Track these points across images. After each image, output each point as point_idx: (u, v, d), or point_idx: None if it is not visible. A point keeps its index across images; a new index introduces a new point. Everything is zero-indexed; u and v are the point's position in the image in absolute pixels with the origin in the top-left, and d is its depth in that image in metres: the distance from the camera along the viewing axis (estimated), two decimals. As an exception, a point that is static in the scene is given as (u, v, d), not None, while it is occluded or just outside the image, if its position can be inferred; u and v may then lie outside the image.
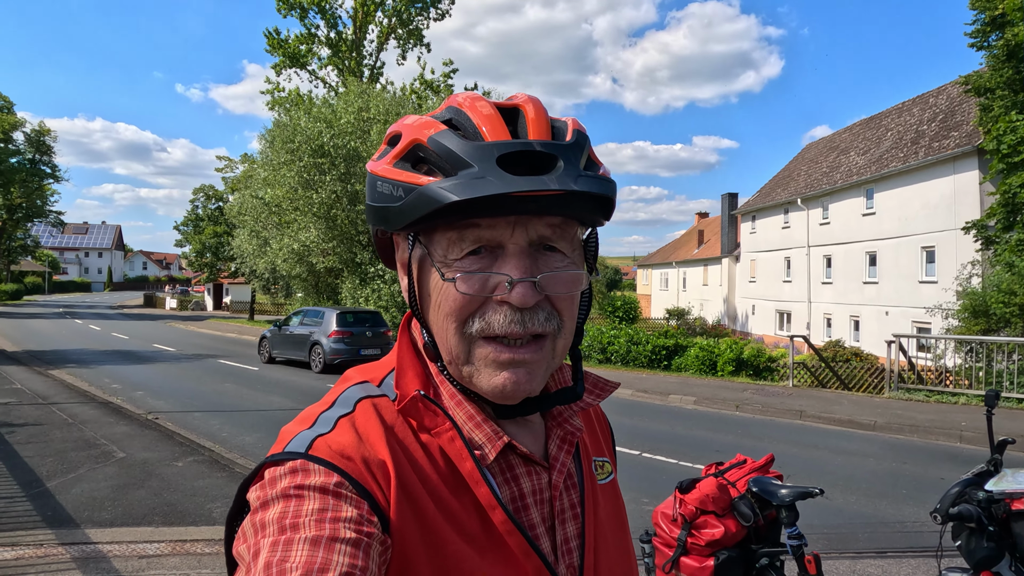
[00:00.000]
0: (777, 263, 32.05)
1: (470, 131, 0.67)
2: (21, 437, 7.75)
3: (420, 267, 0.72)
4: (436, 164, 0.67)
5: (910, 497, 6.48)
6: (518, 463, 0.76)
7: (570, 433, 0.80)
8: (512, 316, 0.68)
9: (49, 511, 5.22)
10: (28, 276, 73.18)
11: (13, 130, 42.65)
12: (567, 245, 0.72)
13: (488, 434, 0.73)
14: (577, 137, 0.70)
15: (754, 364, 15.99)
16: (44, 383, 12.52)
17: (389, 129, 0.75)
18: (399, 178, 0.68)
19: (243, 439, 8.39)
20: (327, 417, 0.71)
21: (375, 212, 0.73)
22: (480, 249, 0.68)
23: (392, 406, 0.73)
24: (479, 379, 0.71)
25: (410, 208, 0.66)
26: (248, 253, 29.93)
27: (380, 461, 0.67)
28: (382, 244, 0.80)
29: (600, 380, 0.86)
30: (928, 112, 24.64)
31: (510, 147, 0.65)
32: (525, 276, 0.67)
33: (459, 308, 0.68)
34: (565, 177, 0.64)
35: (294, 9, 30.38)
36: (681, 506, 2.99)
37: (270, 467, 0.66)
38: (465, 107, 0.70)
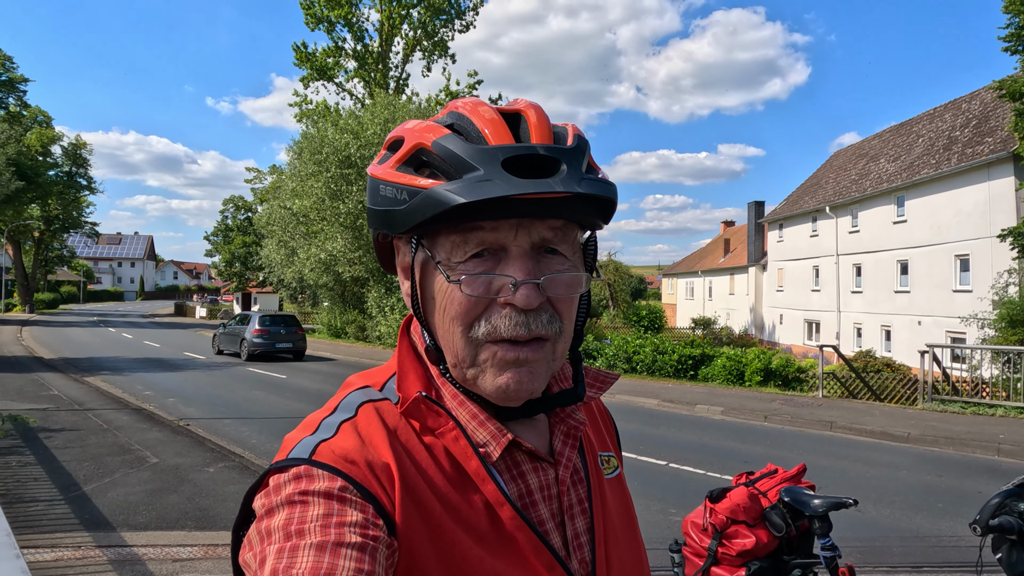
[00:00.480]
0: (805, 272, 31.59)
1: (473, 135, 0.68)
2: (59, 442, 7.94)
3: (423, 271, 0.73)
4: (440, 168, 0.67)
5: (947, 511, 6.33)
6: (523, 460, 0.76)
7: (573, 428, 0.80)
8: (517, 319, 0.68)
9: (87, 514, 5.34)
10: (64, 285, 75.09)
11: (51, 144, 43.95)
12: (568, 248, 0.72)
13: (492, 432, 0.73)
14: (578, 142, 0.70)
15: (783, 374, 15.76)
16: (80, 389, 12.83)
17: (390, 134, 0.75)
18: (403, 181, 0.68)
19: (271, 446, 8.50)
20: (329, 423, 0.71)
21: (378, 215, 0.73)
22: (483, 252, 0.68)
23: (394, 409, 0.73)
24: (483, 380, 0.71)
25: (415, 211, 0.67)
26: (276, 263, 30.39)
27: (384, 464, 0.67)
28: (382, 249, 0.80)
29: (600, 373, 0.86)
30: (961, 118, 24.16)
31: (514, 151, 0.66)
32: (529, 278, 0.67)
33: (465, 311, 0.69)
34: (569, 180, 0.65)
35: (322, 23, 30.92)
36: (711, 515, 2.97)
37: (274, 474, 0.66)
38: (467, 112, 0.70)
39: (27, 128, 41.32)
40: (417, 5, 31.26)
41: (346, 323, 29.74)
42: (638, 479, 7.18)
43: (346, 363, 20.36)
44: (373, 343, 27.03)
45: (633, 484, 6.36)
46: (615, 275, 56.58)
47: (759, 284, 37.82)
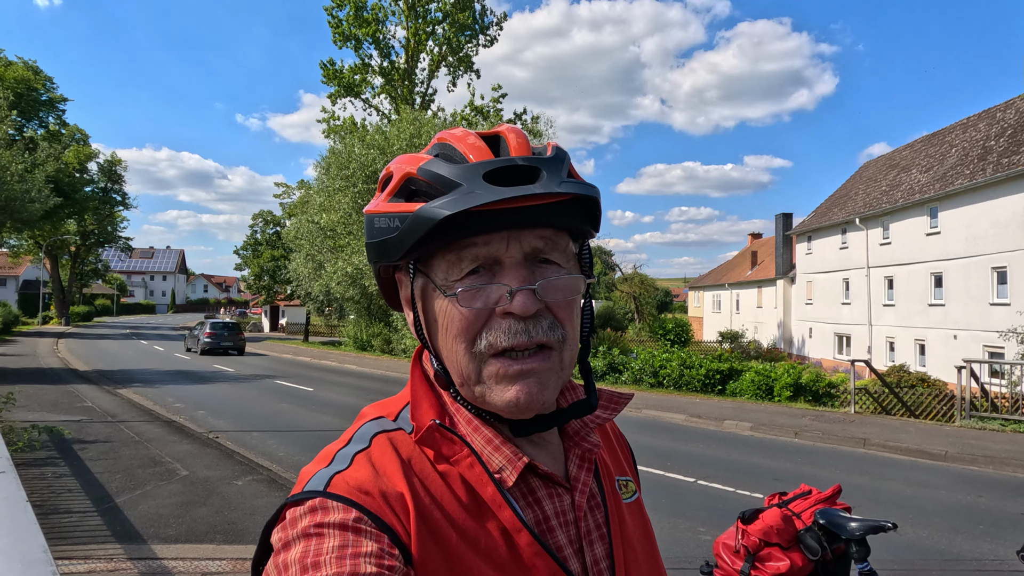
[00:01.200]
0: (835, 285, 31.05)
1: (457, 158, 0.71)
2: (93, 454, 8.09)
3: (423, 296, 0.74)
4: (427, 192, 0.69)
5: (987, 533, 6.12)
6: (539, 486, 0.75)
7: (588, 451, 0.80)
8: (516, 327, 0.69)
9: (119, 526, 5.42)
10: (99, 299, 76.90)
11: (88, 161, 45.23)
12: (561, 256, 0.73)
13: (508, 456, 0.73)
14: (557, 152, 0.73)
15: (813, 389, 15.47)
16: (113, 401, 13.08)
17: (382, 172, 0.78)
18: (394, 210, 0.71)
19: (299, 459, 8.56)
20: (344, 454, 0.71)
21: (375, 248, 0.74)
22: (479, 268, 0.70)
23: (408, 439, 0.73)
24: (492, 396, 0.71)
25: (407, 233, 0.69)
26: (304, 276, 30.79)
27: (398, 494, 0.67)
28: (386, 285, 0.82)
29: (614, 394, 0.85)
30: (996, 127, 23.64)
31: (494, 164, 0.68)
32: (524, 284, 0.69)
33: (466, 327, 0.70)
34: (548, 183, 0.68)
35: (349, 40, 31.46)
36: (744, 537, 2.90)
37: (291, 507, 0.67)
38: (451, 140, 0.74)
39: (65, 146, 42.59)
40: (442, 22, 31.67)
41: (372, 336, 29.95)
42: (666, 497, 7.07)
43: (372, 376, 20.49)
44: (399, 356, 27.17)
45: (661, 502, 6.26)
46: (640, 288, 56.24)
47: (787, 297, 37.25)
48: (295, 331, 47.47)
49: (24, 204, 25.79)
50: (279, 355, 28.80)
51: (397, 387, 13.80)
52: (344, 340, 34.77)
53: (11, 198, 24.55)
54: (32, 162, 29.37)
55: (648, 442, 10.18)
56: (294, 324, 48.77)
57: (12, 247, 43.55)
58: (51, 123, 43.05)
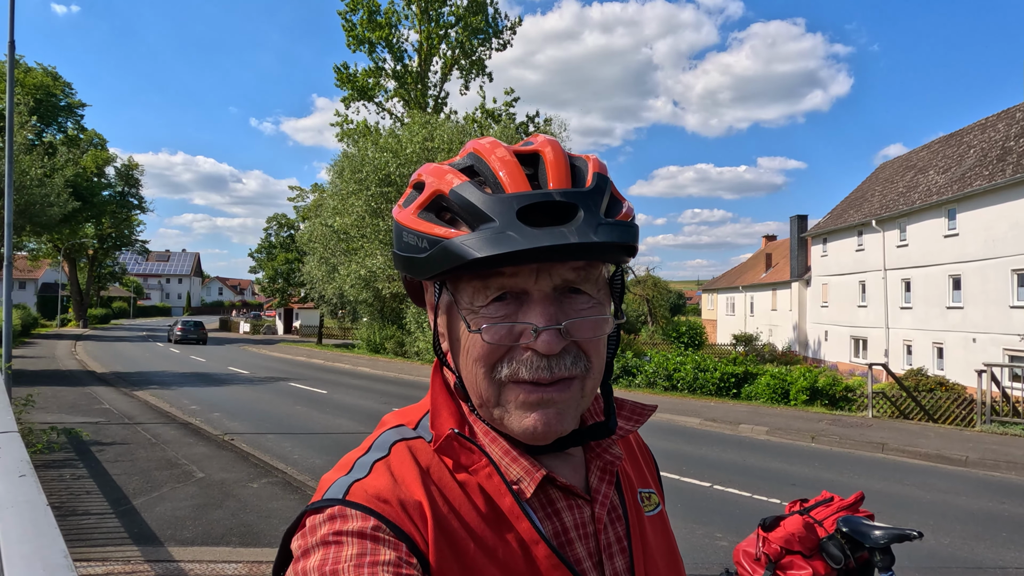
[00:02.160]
0: (851, 287, 30.74)
1: (490, 180, 0.69)
2: (110, 455, 8.16)
3: (448, 313, 0.73)
4: (458, 214, 0.68)
5: (1011, 540, 6.01)
6: (558, 497, 0.75)
7: (610, 463, 0.79)
8: (539, 363, 0.68)
9: (136, 528, 5.45)
10: (116, 301, 77.77)
11: (106, 165, 45.80)
12: (592, 286, 0.71)
13: (526, 467, 0.72)
14: (597, 181, 0.70)
15: (829, 393, 15.30)
16: (130, 403, 13.20)
17: (414, 175, 0.77)
18: (423, 230, 0.69)
19: (313, 461, 8.58)
20: (363, 462, 0.72)
21: (402, 261, 0.73)
22: (505, 295, 0.68)
23: (428, 448, 0.73)
24: (509, 421, 0.71)
25: (435, 261, 0.67)
26: (317, 279, 30.95)
27: (416, 503, 0.67)
28: (411, 285, 0.82)
29: (637, 406, 0.84)
30: (1015, 127, 23.31)
31: (529, 199, 0.66)
32: (550, 324, 0.67)
33: (487, 354, 0.69)
34: (585, 227, 0.65)
35: (363, 44, 31.64)
36: (765, 545, 2.86)
37: (310, 515, 0.67)
38: (484, 154, 0.71)
39: (84, 150, 43.14)
40: (455, 25, 31.77)
41: (385, 338, 30.03)
42: (682, 502, 7.02)
43: (385, 378, 20.54)
44: (411, 359, 27.22)
45: (677, 507, 6.21)
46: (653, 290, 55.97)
47: (803, 300, 36.93)
48: (309, 333, 47.73)
49: (43, 208, 26.13)
50: (293, 357, 28.96)
51: (410, 389, 13.81)
52: (357, 342, 34.89)
53: (31, 202, 24.89)
54: (51, 167, 29.73)
55: (663, 446, 10.11)
56: (308, 327, 49.03)
57: (31, 251, 44.13)
58: (70, 128, 43.63)
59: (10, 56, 10.95)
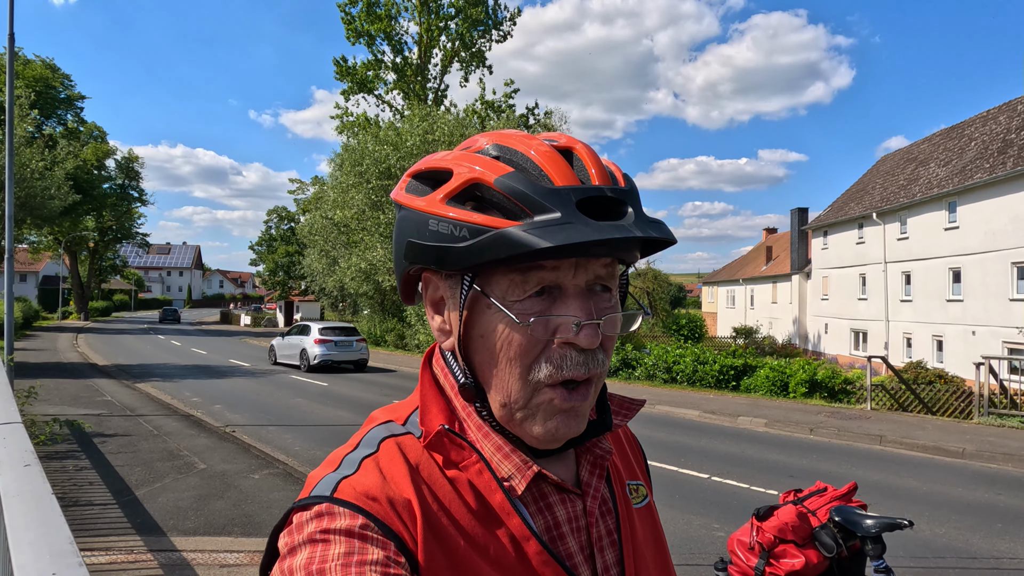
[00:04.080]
0: (851, 280, 30.74)
1: (532, 172, 0.67)
2: (112, 447, 8.22)
3: (472, 308, 0.71)
4: (501, 206, 0.65)
5: (1005, 531, 6.06)
6: (550, 492, 0.75)
7: (600, 457, 0.79)
8: (578, 359, 0.68)
9: (139, 518, 5.51)
10: (116, 294, 77.84)
11: (106, 158, 45.71)
12: (614, 284, 0.72)
13: (517, 464, 0.72)
14: (630, 183, 0.71)
15: (829, 386, 15.34)
16: (131, 395, 13.26)
17: (426, 163, 0.73)
18: (462, 218, 0.66)
19: (314, 453, 8.63)
20: (352, 459, 0.71)
21: (427, 251, 0.69)
22: (542, 291, 0.68)
23: (417, 444, 0.73)
24: (532, 424, 0.70)
25: (483, 249, 0.64)
26: (318, 272, 30.99)
27: (405, 500, 0.67)
28: (408, 281, 0.78)
29: (625, 400, 0.84)
30: (1016, 120, 23.26)
31: (585, 192, 0.66)
32: (591, 318, 0.67)
33: (525, 352, 0.68)
34: (641, 224, 0.66)
35: (362, 37, 31.52)
36: (759, 534, 2.90)
37: (297, 512, 0.66)
38: (519, 146, 0.69)
39: (84, 143, 43.07)
40: (455, 17, 31.63)
41: (386, 331, 30.09)
42: (680, 493, 7.07)
43: (385, 370, 20.60)
44: (412, 351, 27.28)
45: (675, 498, 6.25)
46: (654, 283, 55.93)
47: (803, 292, 36.94)
48: (309, 326, 47.68)
49: (44, 201, 26.13)
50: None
51: (411, 381, 13.83)
52: (358, 335, 34.91)
53: (31, 195, 24.89)
54: (52, 160, 29.71)
55: (662, 438, 10.16)
56: (309, 319, 49.07)
57: (32, 243, 44.14)
58: (70, 121, 43.51)
59: (9, 48, 10.95)
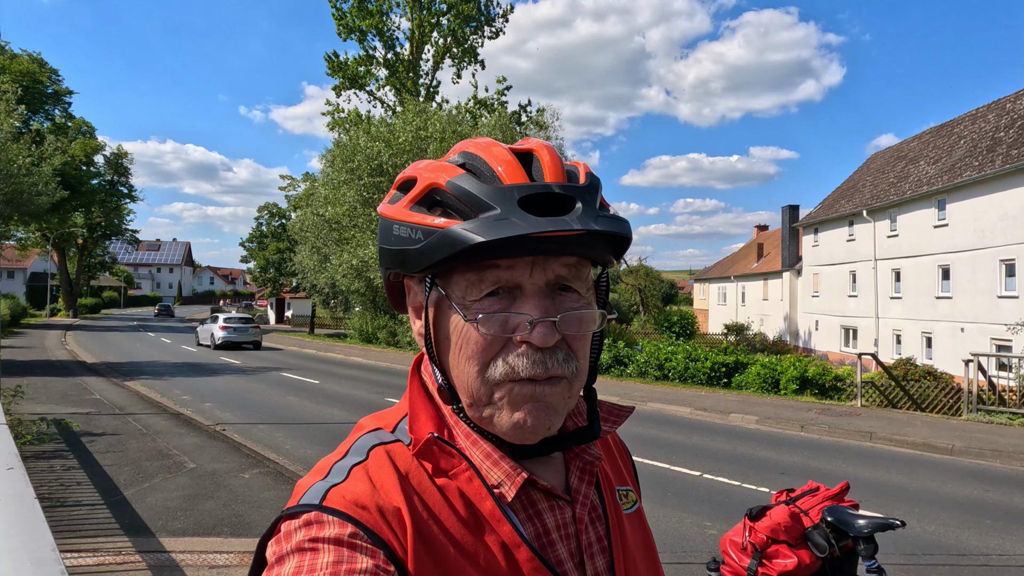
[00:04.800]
0: (842, 277, 30.92)
1: (487, 174, 0.68)
2: (101, 446, 8.14)
3: (437, 310, 0.72)
4: (454, 207, 0.67)
5: (994, 528, 6.10)
6: (540, 499, 0.75)
7: (589, 463, 0.79)
8: (534, 357, 0.68)
9: (127, 519, 5.45)
10: (106, 291, 77.23)
11: (94, 153, 45.33)
12: (582, 285, 0.72)
13: (507, 471, 0.72)
14: (591, 180, 0.71)
15: (819, 383, 15.42)
16: (120, 394, 13.15)
17: (400, 174, 0.76)
18: (417, 221, 0.68)
19: (305, 451, 8.59)
20: (341, 467, 0.71)
21: (392, 255, 0.72)
22: (499, 290, 0.68)
23: (406, 451, 0.73)
24: (500, 418, 0.70)
25: (431, 250, 0.67)
26: (309, 268, 30.84)
27: (395, 508, 0.67)
28: (393, 288, 0.80)
29: (614, 407, 0.84)
30: (1005, 118, 23.42)
31: (530, 189, 0.66)
32: (545, 316, 0.67)
33: (481, 350, 0.69)
34: (585, 217, 0.66)
35: (354, 32, 31.36)
36: (751, 534, 2.90)
37: (286, 521, 0.66)
38: (479, 151, 0.71)
39: (72, 139, 42.67)
40: (447, 13, 31.51)
41: (377, 328, 30.00)
42: (672, 491, 7.07)
43: (377, 368, 20.55)
44: (404, 348, 27.22)
45: (667, 496, 6.24)
46: (646, 280, 56.10)
47: (794, 289, 37.12)
48: (301, 323, 47.59)
49: (31, 197, 25.86)
50: (285, 347, 28.91)
51: (402, 379, 13.81)
52: (349, 332, 34.84)
53: (18, 191, 24.63)
54: (39, 155, 29.40)
55: (654, 435, 10.18)
56: (300, 316, 48.90)
57: (19, 240, 43.71)
58: (57, 116, 43.13)
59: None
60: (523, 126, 30.61)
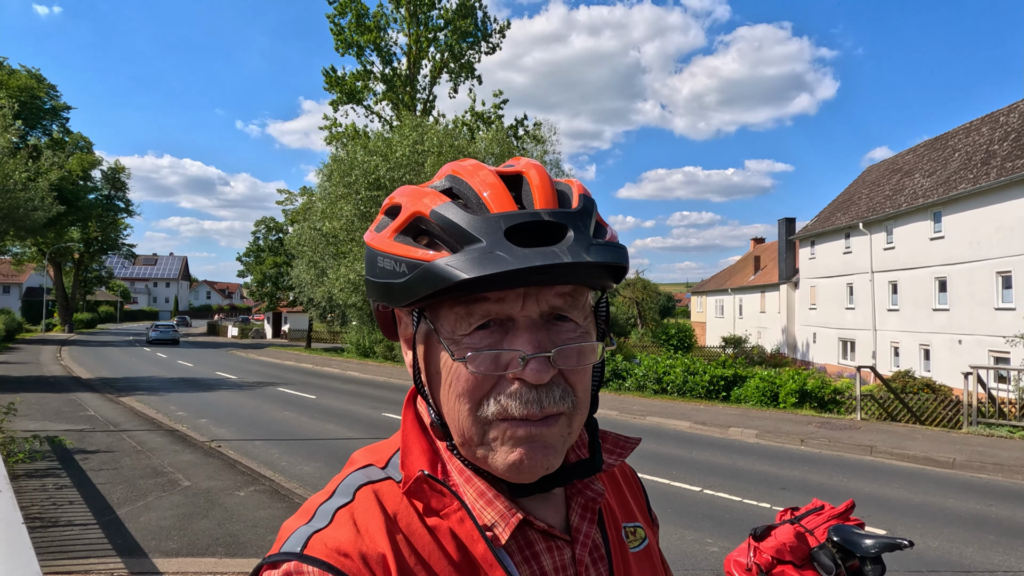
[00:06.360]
0: (839, 289, 30.95)
1: (473, 201, 0.65)
2: (94, 464, 8.05)
3: (426, 344, 0.70)
4: (439, 238, 0.64)
5: (998, 543, 6.04)
6: (537, 539, 0.71)
7: (591, 499, 0.75)
8: (528, 395, 0.64)
9: (120, 539, 5.36)
10: (102, 305, 76.96)
11: (92, 168, 45.34)
12: (579, 313, 0.69)
13: (501, 511, 0.69)
14: (584, 203, 0.68)
15: (818, 396, 15.36)
16: (115, 410, 13.04)
17: (386, 200, 0.73)
18: (401, 253, 0.65)
19: (301, 468, 8.50)
20: (325, 509, 0.68)
21: (377, 288, 0.69)
22: (489, 323, 0.65)
23: (396, 490, 0.70)
24: (494, 459, 0.67)
25: (415, 285, 0.64)
26: (306, 283, 30.76)
27: (380, 555, 0.64)
28: (383, 318, 0.77)
29: (620, 439, 0.80)
30: (999, 131, 23.57)
31: (517, 218, 0.63)
32: (539, 351, 0.64)
33: (472, 388, 0.65)
34: (577, 247, 0.62)
35: (352, 47, 31.52)
36: (756, 554, 2.84)
37: (266, 570, 0.64)
38: (465, 176, 0.68)
39: (69, 154, 42.70)
40: (444, 28, 31.71)
41: (375, 342, 29.90)
42: (672, 507, 7.00)
43: (374, 383, 20.45)
44: (401, 363, 27.10)
45: (667, 512, 6.17)
46: (643, 293, 56.16)
47: (791, 302, 37.14)
48: (298, 337, 47.43)
49: (28, 212, 25.80)
50: (281, 361, 28.76)
51: (400, 394, 13.72)
52: (347, 347, 34.71)
53: (14, 206, 24.56)
54: (36, 170, 29.39)
55: (653, 450, 10.10)
56: (297, 330, 48.73)
57: (15, 255, 43.60)
58: (55, 131, 43.19)
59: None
60: (520, 140, 30.71)
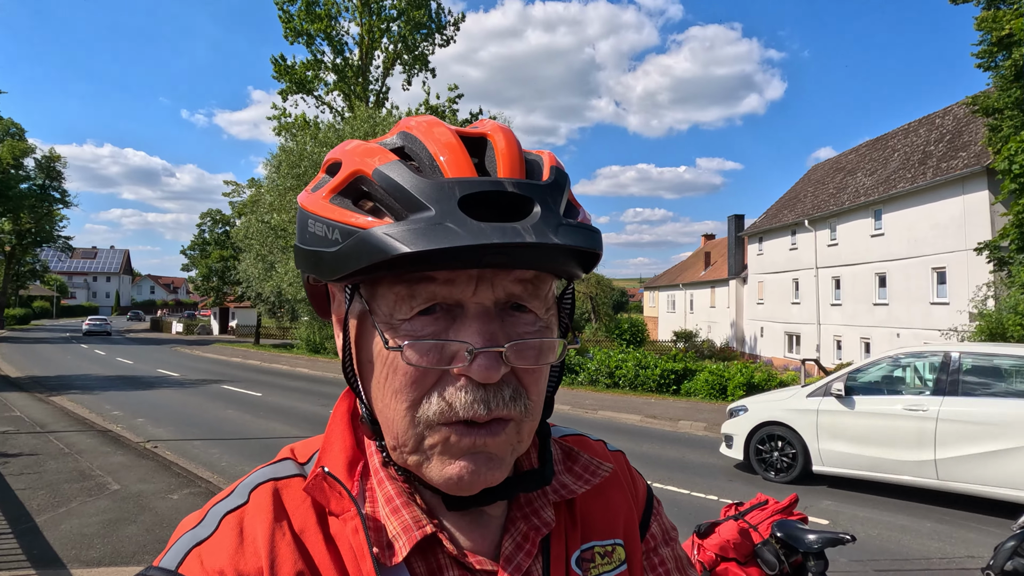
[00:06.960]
0: (785, 285, 31.80)
1: (426, 163, 0.55)
2: (14, 468, 7.56)
3: (359, 326, 0.59)
4: (383, 202, 0.54)
5: (935, 531, 6.20)
6: (448, 565, 0.59)
7: (535, 528, 0.63)
8: (474, 395, 0.54)
9: (36, 549, 5.01)
10: (36, 300, 73.50)
11: (24, 156, 43.07)
12: (539, 304, 0.58)
13: (405, 522, 0.58)
14: (556, 176, 0.57)
15: (765, 388, 15.67)
16: (44, 410, 12.36)
17: (328, 154, 0.61)
18: (336, 218, 0.55)
19: (242, 468, 8.17)
20: (216, 512, 0.60)
21: (306, 257, 0.58)
22: (435, 307, 0.55)
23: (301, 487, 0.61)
24: (429, 468, 0.56)
25: (348, 256, 0.53)
26: (254, 277, 29.93)
27: (258, 570, 0.55)
28: (315, 292, 0.66)
29: (591, 464, 0.69)
30: (935, 133, 24.53)
31: (475, 186, 0.52)
32: (490, 344, 0.53)
33: (410, 383, 0.55)
34: (543, 226, 0.52)
35: (301, 36, 30.73)
36: (700, 552, 2.78)
37: None
38: (420, 133, 0.57)
39: (-1, 140, 40.50)
40: (397, 19, 31.21)
41: (325, 338, 29.31)
42: (621, 501, 6.97)
43: (324, 379, 20.00)
44: (352, 359, 26.67)
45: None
46: (596, 288, 56.67)
47: (740, 297, 38.00)
48: (246, 333, 46.17)
49: (-50, 201, 24.35)
50: (228, 358, 27.90)
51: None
52: (296, 343, 33.96)
53: (-65, 195, 23.14)
54: (-40, 157, 27.74)
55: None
56: (245, 326, 47.43)
57: (-61, 247, 41.19)
58: (-18, 116, 40.85)
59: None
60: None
